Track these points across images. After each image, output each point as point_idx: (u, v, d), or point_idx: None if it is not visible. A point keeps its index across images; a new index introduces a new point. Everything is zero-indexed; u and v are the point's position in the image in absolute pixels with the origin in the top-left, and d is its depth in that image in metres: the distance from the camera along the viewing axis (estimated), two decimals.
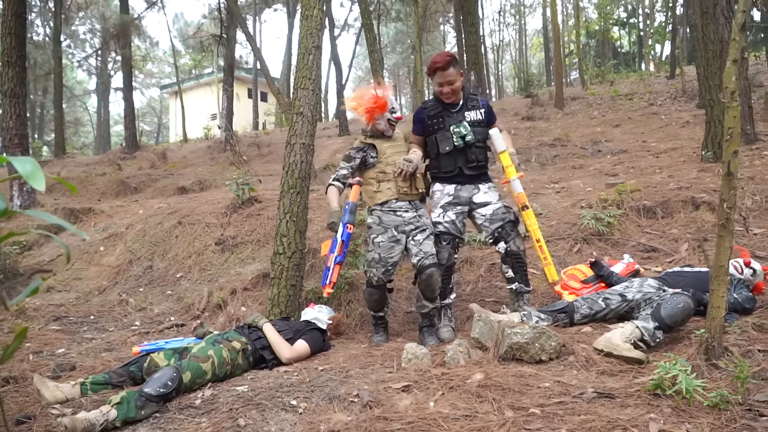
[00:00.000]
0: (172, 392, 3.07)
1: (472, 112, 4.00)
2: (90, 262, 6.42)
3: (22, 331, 0.93)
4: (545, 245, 3.89)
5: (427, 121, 4.00)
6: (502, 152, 3.93)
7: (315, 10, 4.87)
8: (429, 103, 4.09)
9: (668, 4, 24.80)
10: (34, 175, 0.77)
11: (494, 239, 3.89)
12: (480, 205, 3.92)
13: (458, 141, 3.89)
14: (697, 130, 9.65)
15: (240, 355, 3.55)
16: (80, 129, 40.49)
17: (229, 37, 16.11)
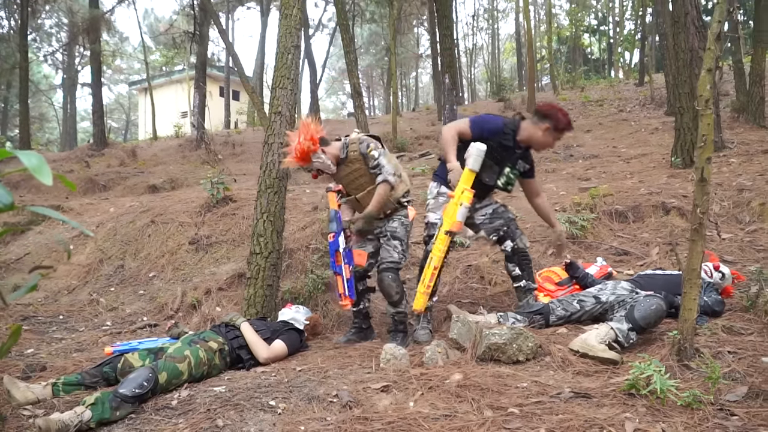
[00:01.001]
0: (147, 393, 3.03)
1: (525, 162, 3.94)
2: (59, 261, 6.29)
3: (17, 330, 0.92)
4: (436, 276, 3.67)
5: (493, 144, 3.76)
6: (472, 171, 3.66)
7: (294, 10, 4.85)
8: (507, 133, 3.82)
9: (638, 12, 25.31)
10: (40, 169, 0.76)
11: (499, 238, 3.91)
12: (480, 207, 3.96)
13: (501, 180, 3.86)
14: (666, 136, 9.88)
15: (217, 356, 3.52)
16: (45, 125, 39.53)
17: (202, 35, 15.93)
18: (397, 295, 3.80)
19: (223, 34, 13.87)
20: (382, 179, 3.79)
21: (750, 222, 5.07)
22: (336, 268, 3.81)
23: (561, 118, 3.74)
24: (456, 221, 3.59)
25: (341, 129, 19.55)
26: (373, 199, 3.79)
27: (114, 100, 44.06)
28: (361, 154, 3.89)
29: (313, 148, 3.82)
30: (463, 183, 3.62)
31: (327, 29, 32.95)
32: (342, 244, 3.82)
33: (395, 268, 3.81)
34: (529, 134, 3.80)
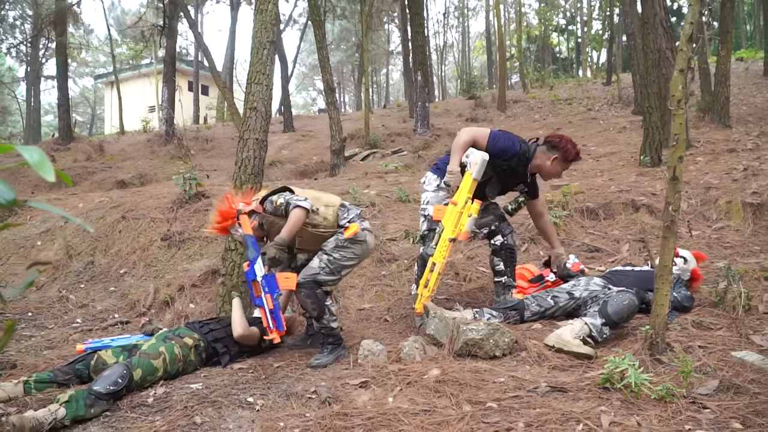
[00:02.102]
0: (122, 390, 2.99)
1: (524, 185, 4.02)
2: (26, 257, 6.14)
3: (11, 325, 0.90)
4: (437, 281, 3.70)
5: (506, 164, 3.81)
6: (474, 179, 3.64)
7: (270, 5, 4.82)
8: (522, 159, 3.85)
9: (605, 12, 25.74)
10: (42, 164, 0.75)
11: (489, 232, 3.96)
12: None
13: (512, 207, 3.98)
14: (634, 135, 10.07)
15: (192, 352, 3.49)
16: (8, 118, 38.49)
17: (171, 28, 15.68)
18: (315, 310, 3.54)
19: (193, 28, 13.71)
20: (292, 206, 3.45)
21: (717, 219, 5.21)
22: (256, 300, 3.44)
23: (570, 149, 3.84)
24: (464, 231, 3.59)
25: (312, 125, 19.48)
26: (286, 224, 3.44)
27: (79, 93, 43.09)
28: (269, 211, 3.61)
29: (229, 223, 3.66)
30: (466, 191, 3.62)
31: (298, 25, 32.74)
32: (260, 272, 3.42)
33: (312, 281, 3.52)
34: (539, 163, 3.88)
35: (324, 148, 12.83)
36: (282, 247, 3.42)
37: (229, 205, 3.65)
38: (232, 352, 3.67)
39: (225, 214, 3.64)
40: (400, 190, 6.94)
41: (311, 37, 30.61)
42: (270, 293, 3.44)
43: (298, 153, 13.61)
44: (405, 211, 6.43)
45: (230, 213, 3.63)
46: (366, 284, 4.93)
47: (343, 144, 10.62)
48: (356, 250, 3.64)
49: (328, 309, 3.59)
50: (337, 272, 3.60)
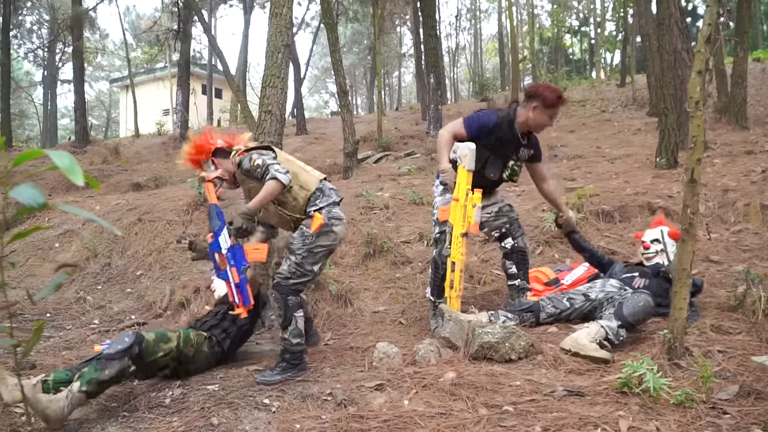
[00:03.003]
0: (134, 347, 2.99)
1: (527, 150, 3.90)
2: (44, 259, 6.20)
3: (39, 327, 0.92)
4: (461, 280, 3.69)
5: (494, 141, 3.77)
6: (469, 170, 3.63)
7: (284, 9, 4.85)
8: (504, 124, 3.79)
9: (619, 13, 25.60)
10: (72, 169, 0.76)
11: (501, 235, 3.93)
12: (487, 204, 3.91)
13: (507, 174, 3.89)
14: (649, 137, 10.00)
15: (206, 343, 3.51)
16: (25, 122, 38.99)
17: (186, 32, 15.81)
18: (280, 318, 3.32)
19: (207, 32, 13.80)
20: (269, 177, 3.22)
21: (735, 222, 5.16)
22: (220, 274, 3.27)
23: (548, 94, 3.69)
24: (473, 223, 3.57)
25: (325, 127, 19.54)
26: (259, 193, 3.22)
27: (95, 97, 43.54)
28: (245, 170, 3.37)
29: (201, 157, 3.52)
30: (464, 184, 3.60)
31: (310, 28, 32.88)
32: (225, 243, 3.25)
33: (282, 284, 3.32)
34: (523, 119, 3.77)
35: (337, 151, 12.86)
36: (249, 217, 3.20)
37: (207, 140, 3.50)
38: (232, 333, 3.64)
39: (200, 147, 3.50)
40: (414, 192, 6.95)
41: (324, 40, 30.71)
42: (236, 266, 3.26)
43: (311, 156, 13.65)
44: (419, 213, 6.43)
45: (206, 148, 3.50)
46: (380, 287, 4.93)
47: (356, 146, 10.64)
48: (324, 241, 3.38)
49: (296, 322, 3.32)
50: (309, 272, 3.37)
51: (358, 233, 5.68)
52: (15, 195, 0.83)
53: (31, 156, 0.85)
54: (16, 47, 28.55)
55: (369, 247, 5.42)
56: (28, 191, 0.81)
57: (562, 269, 4.61)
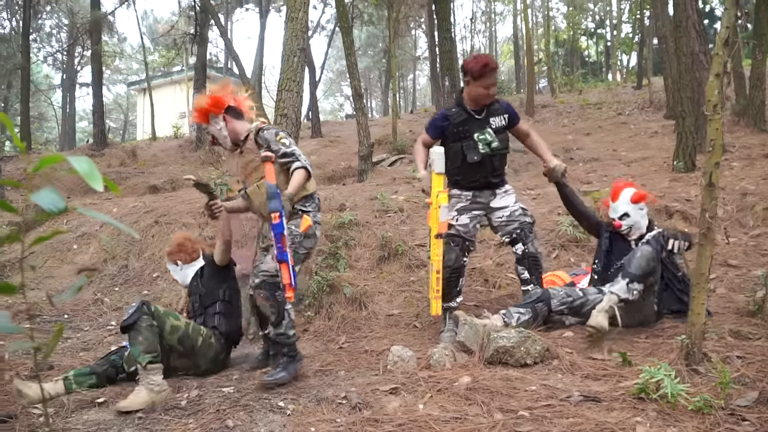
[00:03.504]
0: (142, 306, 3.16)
1: (497, 117, 3.88)
2: (63, 261, 6.28)
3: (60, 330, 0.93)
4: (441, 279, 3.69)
5: (452, 129, 3.84)
6: (438, 174, 3.69)
7: (300, 13, 4.88)
8: (453, 110, 3.88)
9: (635, 16, 25.43)
10: (92, 174, 0.77)
11: (511, 240, 3.90)
12: (498, 208, 3.90)
13: (484, 148, 3.79)
14: (666, 140, 9.91)
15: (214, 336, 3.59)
16: (44, 124, 39.51)
17: (202, 36, 15.95)
18: (273, 315, 3.28)
19: (223, 36, 13.92)
20: (299, 165, 3.30)
21: (754, 226, 5.10)
22: (282, 254, 3.11)
23: (472, 65, 3.71)
24: (440, 222, 3.61)
25: (340, 130, 19.58)
26: (291, 180, 3.26)
27: (112, 100, 43.99)
28: (265, 140, 3.38)
29: (213, 110, 3.44)
30: (436, 187, 3.66)
31: (325, 31, 32.96)
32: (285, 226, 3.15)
33: (270, 282, 3.28)
34: (466, 96, 3.84)
35: (351, 154, 12.88)
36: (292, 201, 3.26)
37: (225, 94, 3.47)
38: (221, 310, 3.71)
39: (217, 100, 3.44)
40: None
41: (339, 43, 30.80)
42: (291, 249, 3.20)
43: (326, 158, 13.69)
44: None
45: (222, 102, 3.44)
46: (395, 290, 4.93)
47: (371, 150, 10.66)
48: (307, 244, 3.42)
49: (288, 314, 3.32)
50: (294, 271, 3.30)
51: (373, 236, 5.69)
52: (36, 199, 0.84)
53: (52, 161, 0.86)
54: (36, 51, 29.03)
55: (383, 250, 5.42)
56: (49, 196, 0.83)
57: (578, 273, 4.58)
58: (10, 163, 13.76)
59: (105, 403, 3.09)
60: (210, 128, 3.49)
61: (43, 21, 28.49)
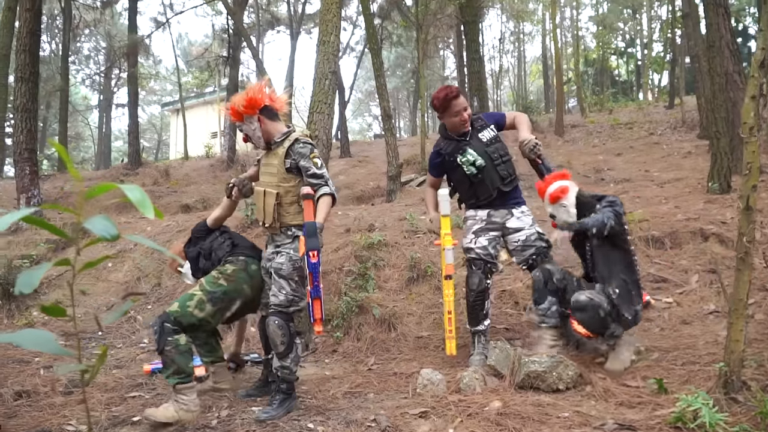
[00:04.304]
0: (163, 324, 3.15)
1: (484, 131, 3.94)
2: (98, 278, 6.42)
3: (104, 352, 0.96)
4: (454, 319, 3.74)
5: (447, 158, 3.90)
6: (444, 216, 3.83)
7: (332, 36, 4.96)
8: (441, 143, 3.99)
9: (666, 34, 25.20)
10: (143, 203, 0.80)
11: (529, 266, 3.87)
12: (513, 230, 3.86)
13: (470, 169, 3.82)
14: (700, 160, 9.75)
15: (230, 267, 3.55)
16: (81, 144, 40.58)
17: (235, 58, 16.27)
18: (282, 345, 3.23)
19: (255, 57, 14.18)
20: (327, 192, 3.27)
21: None
22: (318, 291, 3.16)
23: (436, 103, 3.84)
24: (447, 264, 3.77)
25: (368, 150, 19.69)
26: (319, 208, 3.23)
27: (146, 120, 44.99)
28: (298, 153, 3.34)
29: (248, 111, 3.42)
30: (443, 228, 3.82)
31: (355, 52, 33.35)
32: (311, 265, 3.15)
33: (284, 312, 3.27)
34: (448, 127, 3.94)
35: (380, 174, 12.93)
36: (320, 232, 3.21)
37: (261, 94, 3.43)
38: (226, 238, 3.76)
39: (253, 101, 3.39)
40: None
41: (368, 64, 31.09)
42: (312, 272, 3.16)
43: (355, 178, 13.76)
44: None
45: (258, 102, 3.40)
46: (424, 311, 4.91)
47: (400, 170, 10.69)
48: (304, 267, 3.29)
49: (297, 349, 3.30)
50: (303, 296, 3.33)
51: (402, 257, 5.69)
52: (89, 226, 0.88)
53: (105, 189, 0.90)
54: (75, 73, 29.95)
55: (412, 271, 5.41)
56: (102, 223, 0.86)
57: None
58: (48, 182, 14.13)
59: (139, 421, 3.13)
60: (244, 127, 3.49)
61: (81, 44, 29.44)
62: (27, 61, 9.27)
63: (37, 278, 0.85)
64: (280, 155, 3.38)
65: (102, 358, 0.97)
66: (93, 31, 25.66)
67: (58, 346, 0.98)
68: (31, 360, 4.50)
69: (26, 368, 4.30)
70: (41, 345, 0.95)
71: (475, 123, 3.96)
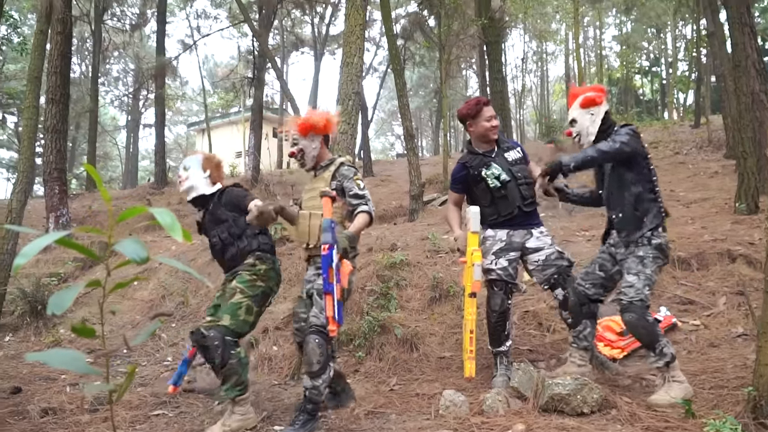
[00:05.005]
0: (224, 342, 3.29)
1: (511, 152, 3.96)
2: (124, 296, 6.51)
3: (132, 371, 0.98)
4: (475, 339, 3.73)
5: (471, 171, 3.91)
6: (473, 233, 3.79)
7: (356, 58, 5.02)
8: (467, 157, 4.01)
9: (691, 53, 25.01)
10: (173, 227, 0.82)
11: (550, 286, 3.83)
12: (533, 250, 3.84)
13: (494, 183, 3.83)
14: (727, 180, 9.62)
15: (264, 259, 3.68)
16: (109, 163, 41.41)
17: (260, 79, 16.53)
18: (317, 365, 3.22)
19: (279, 78, 14.38)
20: (366, 210, 3.41)
21: None
22: (328, 286, 3.16)
23: (466, 109, 3.91)
24: (474, 281, 3.68)
25: (390, 170, 19.77)
26: (354, 221, 3.39)
27: (173, 140, 45.75)
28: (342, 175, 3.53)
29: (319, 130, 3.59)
30: (470, 245, 3.76)
31: (378, 72, 33.68)
32: (336, 258, 3.19)
33: (324, 332, 3.25)
34: (476, 139, 3.96)
35: (402, 193, 12.97)
36: (353, 241, 3.34)
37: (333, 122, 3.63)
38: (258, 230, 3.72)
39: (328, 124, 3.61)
40: None
41: (390, 84, 31.35)
42: (338, 282, 3.20)
43: (377, 198, 13.81)
44: None
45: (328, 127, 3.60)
46: (446, 332, 4.89)
47: (422, 189, 10.72)
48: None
49: (330, 371, 3.29)
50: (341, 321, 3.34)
51: (424, 277, 5.68)
52: (120, 249, 0.90)
53: (136, 212, 0.92)
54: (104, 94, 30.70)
55: (435, 291, 5.40)
56: (132, 246, 0.88)
57: None
58: (76, 201, 14.42)
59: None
60: (303, 142, 3.60)
61: (111, 66, 30.18)
62: (58, 83, 9.53)
63: (69, 300, 0.88)
64: (326, 178, 3.55)
65: (130, 378, 1.00)
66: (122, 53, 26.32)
67: (86, 365, 1.01)
68: (57, 377, 4.57)
69: (53, 385, 4.37)
70: (70, 364, 0.97)
71: (501, 142, 4.00)
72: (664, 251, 3.42)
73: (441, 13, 13.63)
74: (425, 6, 16.99)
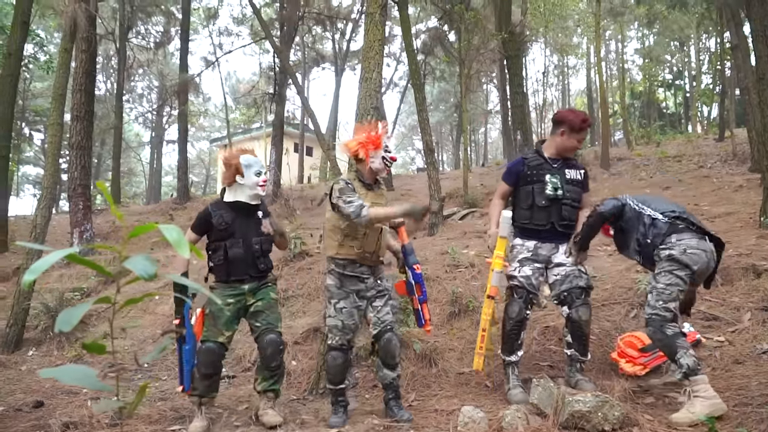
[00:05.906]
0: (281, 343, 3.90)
1: (572, 170, 3.96)
2: (145, 311, 6.57)
3: (144, 387, 0.99)
4: (488, 338, 3.96)
5: (526, 171, 3.92)
6: (502, 237, 3.97)
7: (374, 73, 5.04)
8: (530, 155, 4.04)
9: (715, 66, 24.74)
10: (179, 243, 0.83)
11: (559, 301, 3.84)
12: (556, 264, 3.84)
13: (551, 192, 3.84)
14: (752, 194, 9.45)
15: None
16: (133, 179, 42.06)
17: (281, 95, 16.70)
18: (398, 357, 3.79)
19: (300, 94, 14.52)
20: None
21: None
22: (423, 296, 3.85)
23: (573, 118, 3.87)
24: (491, 286, 3.94)
25: (411, 184, 19.78)
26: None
27: (195, 156, 46.38)
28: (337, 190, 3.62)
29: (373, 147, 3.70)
30: (497, 249, 3.93)
31: (398, 87, 33.87)
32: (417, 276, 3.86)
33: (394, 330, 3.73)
34: (554, 145, 3.95)
35: None
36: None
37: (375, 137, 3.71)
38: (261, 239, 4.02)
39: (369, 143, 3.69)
40: None
41: (411, 98, 31.46)
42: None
43: None
44: None
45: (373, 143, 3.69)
46: (465, 347, 4.86)
47: (442, 203, 10.70)
48: None
49: None
50: None
51: (443, 291, 5.65)
52: (129, 265, 0.91)
53: (146, 230, 0.94)
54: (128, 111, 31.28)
55: (454, 306, 5.37)
56: (142, 263, 0.89)
57: None
58: (100, 216, 14.64)
59: None
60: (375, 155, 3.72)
61: (135, 83, 30.74)
62: (83, 100, 9.73)
63: (77, 317, 0.89)
64: (385, 194, 3.92)
65: (141, 395, 1.00)
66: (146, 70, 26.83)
67: (98, 381, 1.02)
68: (79, 391, 4.62)
69: (74, 399, 4.41)
70: (82, 380, 0.99)
71: (568, 159, 4.02)
72: (677, 259, 3.35)
73: (461, 27, 13.69)
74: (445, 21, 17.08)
